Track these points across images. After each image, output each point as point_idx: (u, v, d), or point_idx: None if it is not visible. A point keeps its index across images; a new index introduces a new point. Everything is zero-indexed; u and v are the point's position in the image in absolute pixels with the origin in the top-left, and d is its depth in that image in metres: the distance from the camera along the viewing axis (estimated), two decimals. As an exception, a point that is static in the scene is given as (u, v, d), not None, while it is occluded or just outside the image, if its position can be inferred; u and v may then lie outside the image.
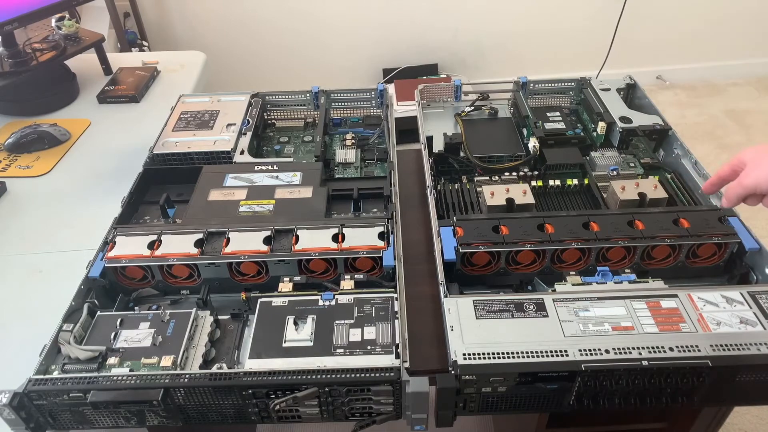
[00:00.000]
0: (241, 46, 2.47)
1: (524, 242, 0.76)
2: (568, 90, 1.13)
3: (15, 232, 0.97)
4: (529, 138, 0.99)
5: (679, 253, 0.77)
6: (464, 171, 0.97)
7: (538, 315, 0.67)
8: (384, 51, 2.52)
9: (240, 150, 0.98)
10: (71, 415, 0.64)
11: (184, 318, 0.69)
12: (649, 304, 0.68)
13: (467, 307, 0.68)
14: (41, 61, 1.26)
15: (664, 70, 2.65)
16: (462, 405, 0.65)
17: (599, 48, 2.42)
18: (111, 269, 0.76)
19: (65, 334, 0.67)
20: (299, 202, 0.86)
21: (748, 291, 0.69)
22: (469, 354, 0.63)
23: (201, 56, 1.53)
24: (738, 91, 2.62)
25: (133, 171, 0.94)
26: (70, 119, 1.26)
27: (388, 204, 0.85)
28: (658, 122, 0.98)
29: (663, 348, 0.62)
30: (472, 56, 2.55)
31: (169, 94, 1.26)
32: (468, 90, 1.14)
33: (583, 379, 0.62)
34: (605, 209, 0.86)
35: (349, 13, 2.40)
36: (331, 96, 1.13)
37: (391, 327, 0.67)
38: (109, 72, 1.43)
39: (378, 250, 0.75)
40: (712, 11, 2.46)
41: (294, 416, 0.65)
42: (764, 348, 0.62)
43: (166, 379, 0.61)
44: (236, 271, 0.77)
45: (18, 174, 1.10)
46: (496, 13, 2.43)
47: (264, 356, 0.65)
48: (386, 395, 0.62)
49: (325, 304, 0.70)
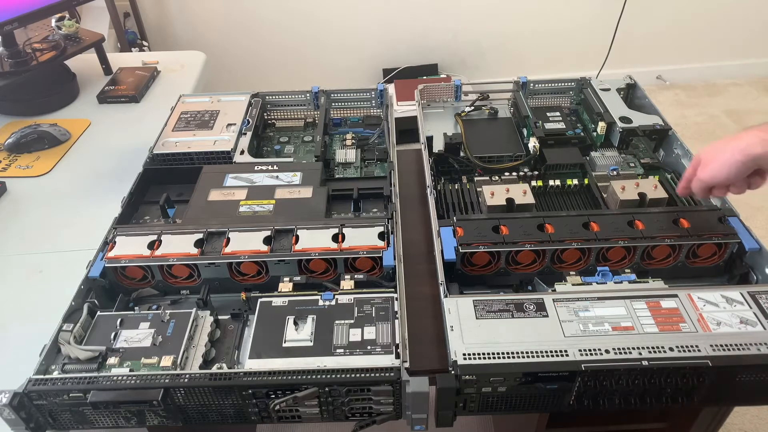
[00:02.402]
0: (241, 46, 2.47)
1: (524, 242, 0.76)
2: (568, 90, 1.13)
3: (15, 232, 0.97)
4: (529, 138, 0.99)
5: (679, 253, 0.77)
6: (464, 171, 0.97)
7: (538, 315, 0.67)
8: (384, 51, 2.52)
9: (240, 150, 0.98)
10: (71, 415, 0.64)
11: (184, 318, 0.69)
12: (649, 304, 0.68)
13: (467, 307, 0.68)
14: (41, 61, 1.27)
15: (664, 70, 2.65)
16: (462, 405, 0.65)
17: (599, 48, 2.42)
18: (111, 269, 0.76)
19: (65, 334, 0.67)
20: (299, 202, 0.86)
21: (748, 291, 0.69)
22: (469, 354, 0.63)
23: (201, 56, 1.53)
24: (738, 91, 2.62)
25: (133, 171, 0.94)
26: (70, 119, 1.26)
27: (388, 204, 0.85)
28: (658, 122, 0.98)
29: (663, 348, 0.62)
30: (472, 56, 2.55)
31: (169, 94, 1.26)
32: (468, 90, 1.14)
33: (583, 379, 0.62)
34: (605, 209, 0.86)
35: (349, 13, 2.40)
36: (331, 96, 1.13)
37: (391, 327, 0.67)
38: (109, 72, 1.43)
39: (378, 250, 0.75)
40: (712, 11, 2.46)
41: (294, 416, 0.65)
42: (764, 348, 0.62)
43: (166, 379, 0.61)
44: (236, 271, 0.77)
45: (18, 174, 1.10)
46: (496, 13, 2.42)
47: (264, 356, 0.64)
48: (386, 395, 0.62)
49: (325, 304, 0.70)
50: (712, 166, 0.72)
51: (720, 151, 0.71)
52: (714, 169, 0.72)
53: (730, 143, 0.71)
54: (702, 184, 0.74)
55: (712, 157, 0.72)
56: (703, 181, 0.73)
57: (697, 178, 0.74)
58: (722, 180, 0.72)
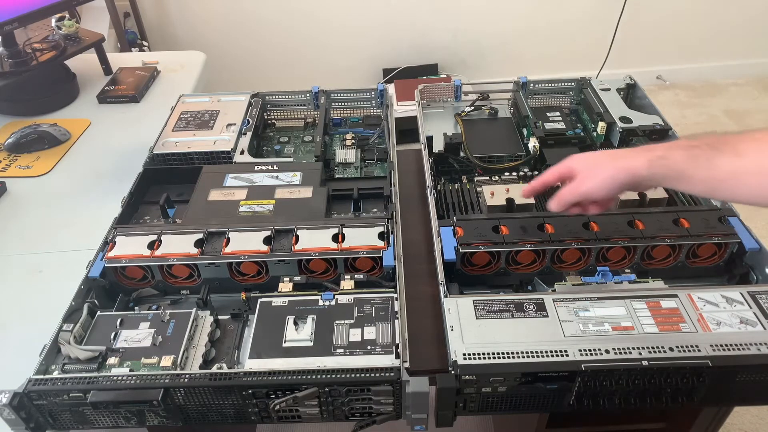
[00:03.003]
0: (241, 46, 2.47)
1: (524, 242, 0.76)
2: (568, 90, 1.13)
3: (15, 232, 0.97)
4: (529, 138, 0.99)
5: (679, 253, 0.77)
6: (464, 171, 0.97)
7: (538, 315, 0.67)
8: (384, 51, 2.51)
9: (240, 150, 0.98)
10: (71, 415, 0.64)
11: (184, 318, 0.69)
12: (649, 304, 0.68)
13: (467, 307, 0.68)
14: (41, 61, 1.26)
15: (664, 70, 2.65)
16: (462, 405, 0.65)
17: (599, 48, 2.42)
18: (111, 269, 0.76)
19: (65, 334, 0.67)
20: (299, 202, 0.86)
21: (748, 291, 0.69)
22: (469, 354, 0.63)
23: (201, 56, 1.53)
24: (738, 91, 2.62)
25: (133, 171, 0.94)
26: (70, 119, 1.26)
27: (388, 204, 0.85)
28: (658, 122, 0.98)
29: (663, 348, 0.62)
30: (472, 56, 2.55)
31: (169, 94, 1.26)
32: (468, 90, 1.14)
33: (583, 379, 0.62)
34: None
35: (349, 13, 2.40)
36: (331, 96, 1.13)
37: (391, 327, 0.67)
38: (109, 72, 1.43)
39: (378, 250, 0.75)
40: (712, 11, 2.46)
41: (294, 416, 0.65)
42: (764, 348, 0.62)
43: (166, 379, 0.61)
44: (236, 271, 0.77)
45: (18, 174, 1.10)
46: (496, 13, 2.42)
47: (264, 356, 0.65)
48: (386, 395, 0.62)
49: (325, 304, 0.70)
50: (593, 182, 0.66)
51: (601, 167, 0.66)
52: (594, 185, 0.66)
53: (616, 159, 0.65)
54: (577, 197, 0.68)
55: (591, 171, 0.67)
56: (580, 195, 0.68)
57: (573, 190, 0.68)
58: (598, 196, 0.67)
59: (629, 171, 0.64)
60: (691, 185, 0.62)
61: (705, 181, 0.60)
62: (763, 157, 0.57)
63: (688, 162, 0.60)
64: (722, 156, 0.59)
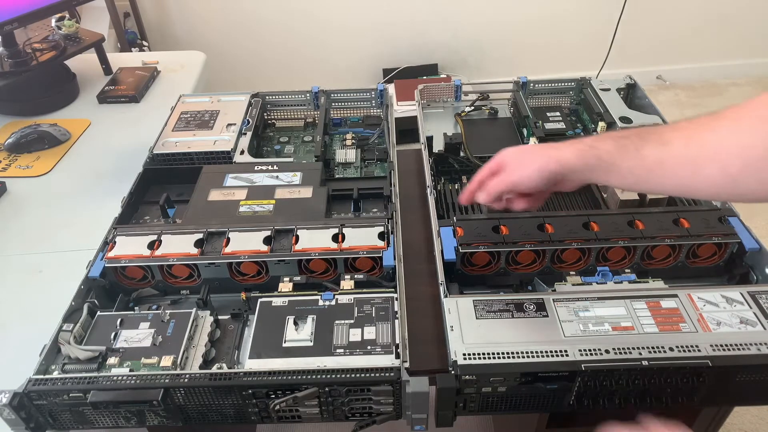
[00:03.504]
0: (241, 46, 2.47)
1: (524, 242, 0.76)
2: (568, 90, 1.13)
3: (15, 232, 0.97)
4: (529, 138, 0.99)
5: (679, 253, 0.77)
6: (464, 171, 0.97)
7: (538, 315, 0.67)
8: (384, 51, 2.51)
9: (240, 150, 0.98)
10: (71, 415, 0.64)
11: (184, 318, 0.69)
12: (649, 304, 0.68)
13: (467, 307, 0.68)
14: (41, 61, 1.26)
15: (664, 70, 2.65)
16: (462, 405, 0.65)
17: (599, 48, 2.42)
18: (111, 269, 0.76)
19: (65, 334, 0.67)
20: (299, 202, 0.86)
21: (748, 291, 0.69)
22: (469, 354, 0.63)
23: (201, 56, 1.53)
24: (738, 91, 2.62)
25: (133, 171, 0.94)
26: (70, 119, 1.26)
27: (388, 204, 0.85)
28: (658, 122, 0.98)
29: (663, 348, 0.62)
30: (472, 56, 2.55)
31: (169, 94, 1.26)
32: (468, 90, 1.14)
33: (583, 379, 0.62)
34: (605, 209, 0.86)
35: (349, 13, 2.40)
36: (331, 96, 1.13)
37: (391, 327, 0.67)
38: (109, 72, 1.43)
39: (378, 250, 0.75)
40: (712, 11, 2.46)
41: (294, 416, 0.65)
42: (764, 348, 0.62)
43: (166, 379, 0.61)
44: (236, 271, 0.77)
45: (18, 174, 1.10)
46: (496, 13, 2.42)
47: (264, 356, 0.64)
48: (386, 395, 0.62)
49: (325, 304, 0.70)
50: (522, 172, 0.65)
51: (530, 157, 0.65)
52: (524, 175, 0.65)
53: (546, 151, 0.65)
54: (504, 186, 0.67)
55: (521, 162, 0.66)
56: (507, 184, 0.67)
57: (501, 179, 0.67)
58: (528, 187, 0.66)
59: (558, 160, 0.63)
60: (620, 176, 0.61)
61: (633, 170, 0.60)
62: (687, 144, 0.56)
63: (617, 151, 0.60)
64: (649, 145, 0.58)
